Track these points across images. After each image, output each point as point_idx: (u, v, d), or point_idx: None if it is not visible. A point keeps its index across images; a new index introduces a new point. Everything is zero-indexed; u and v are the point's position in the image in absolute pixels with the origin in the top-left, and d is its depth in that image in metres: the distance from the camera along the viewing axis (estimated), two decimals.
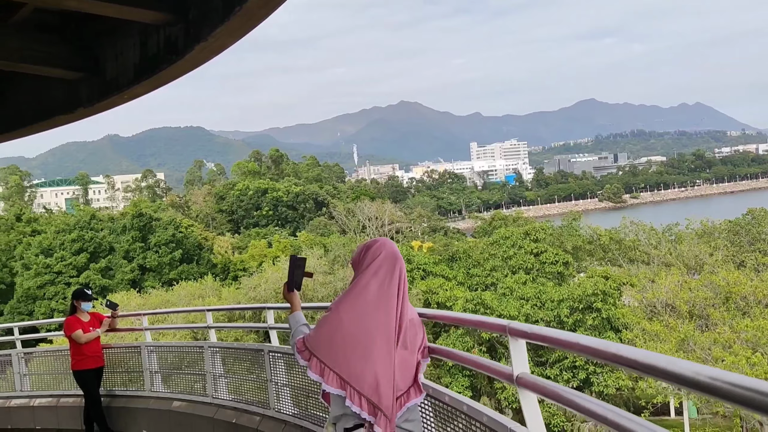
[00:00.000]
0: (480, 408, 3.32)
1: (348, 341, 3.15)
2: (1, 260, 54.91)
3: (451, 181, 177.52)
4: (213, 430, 7.45)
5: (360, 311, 3.21)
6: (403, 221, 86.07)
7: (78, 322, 8.48)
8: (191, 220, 78.34)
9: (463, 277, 35.68)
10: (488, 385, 28.04)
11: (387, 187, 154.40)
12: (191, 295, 40.11)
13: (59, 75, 6.02)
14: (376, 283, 3.26)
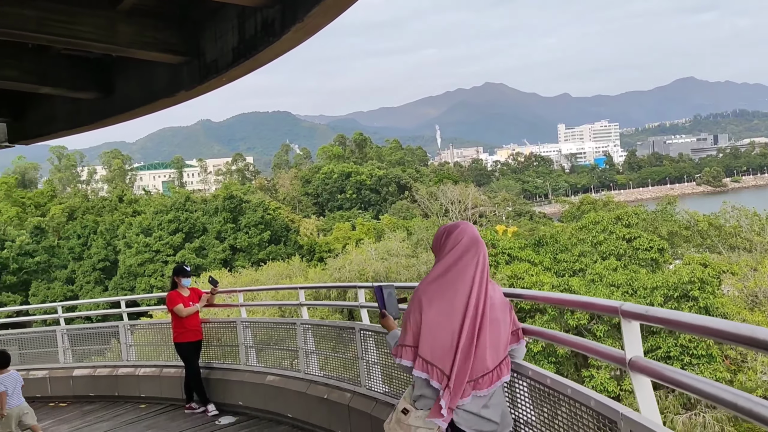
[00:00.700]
0: (586, 392, 3.20)
1: (435, 328, 3.27)
2: (105, 238, 58.43)
3: (537, 164, 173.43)
4: (305, 404, 7.64)
5: (444, 297, 3.29)
6: (486, 205, 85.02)
7: (179, 296, 8.89)
8: (279, 203, 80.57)
9: (549, 263, 34.85)
10: (575, 373, 27.38)
11: (470, 170, 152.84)
12: (279, 275, 41.37)
13: (163, 59, 6.24)
14: (459, 268, 3.32)
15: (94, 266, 56.65)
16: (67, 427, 9.47)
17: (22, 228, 59.86)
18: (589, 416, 3.20)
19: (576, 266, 33.67)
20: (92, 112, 7.41)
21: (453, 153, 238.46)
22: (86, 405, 10.61)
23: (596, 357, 3.25)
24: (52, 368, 11.62)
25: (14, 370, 8.13)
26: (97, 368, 11.12)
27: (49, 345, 11.91)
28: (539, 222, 76.18)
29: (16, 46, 6.26)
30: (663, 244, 33.66)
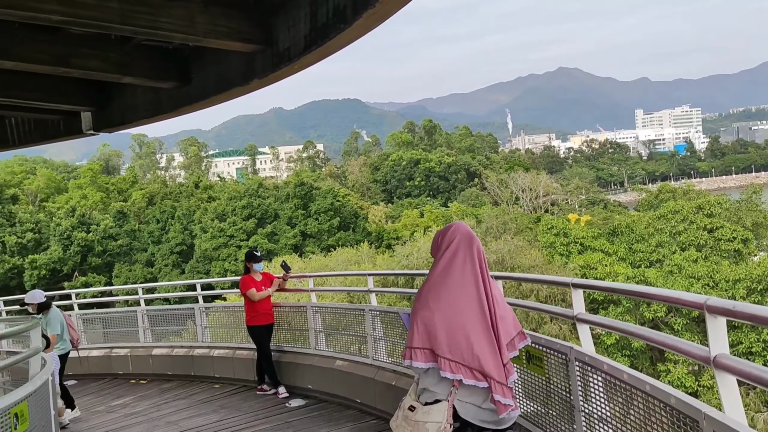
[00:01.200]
0: (666, 388, 3.07)
1: (450, 326, 3.33)
2: (182, 223, 60.64)
3: (612, 150, 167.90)
4: (373, 390, 7.70)
5: (446, 296, 3.36)
6: (558, 193, 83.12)
7: (252, 281, 9.11)
8: (348, 190, 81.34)
9: (624, 253, 33.81)
10: (651, 367, 26.51)
11: (542, 157, 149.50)
12: (348, 261, 41.81)
13: (237, 48, 6.35)
14: (457, 264, 3.43)
15: (172, 250, 58.93)
16: (147, 403, 9.91)
17: (106, 212, 62.90)
18: (667, 414, 3.07)
19: (653, 257, 32.50)
20: (171, 100, 7.65)
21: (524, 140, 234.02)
22: (164, 383, 11.07)
23: (677, 353, 3.11)
24: (133, 347, 12.18)
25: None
26: (175, 348, 11.57)
27: (131, 325, 12.48)
28: (614, 211, 73.87)
29: (101, 37, 6.52)
30: (747, 235, 32.04)
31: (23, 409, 4.54)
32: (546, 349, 4.63)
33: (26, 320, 7.11)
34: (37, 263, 54.43)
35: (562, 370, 4.40)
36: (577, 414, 4.18)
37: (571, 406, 4.27)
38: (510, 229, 45.43)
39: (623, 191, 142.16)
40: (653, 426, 3.23)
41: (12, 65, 6.14)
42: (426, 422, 3.43)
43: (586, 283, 4.90)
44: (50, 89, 7.35)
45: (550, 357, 4.58)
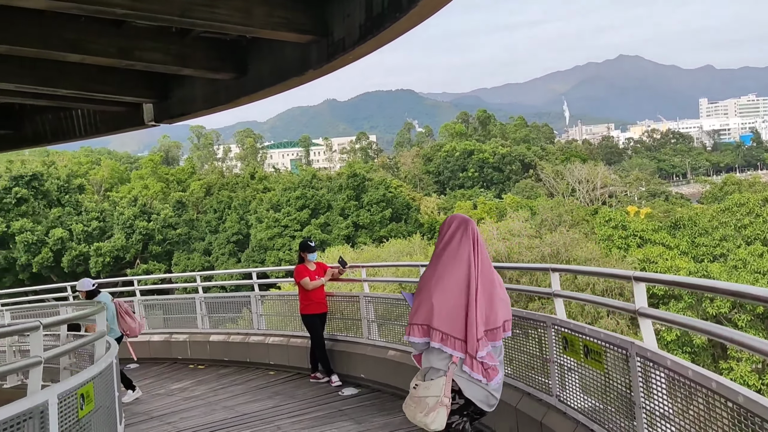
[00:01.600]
0: (734, 386, 2.94)
1: (445, 304, 3.67)
2: (239, 213, 61.91)
3: (674, 141, 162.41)
4: None
5: (445, 277, 3.74)
6: (617, 185, 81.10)
7: (306, 270, 9.21)
8: (400, 181, 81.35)
9: (686, 247, 32.72)
10: (713, 364, 25.64)
11: (600, 147, 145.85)
12: (400, 252, 41.87)
13: (293, 39, 6.40)
14: (452, 248, 3.81)
15: (229, 239, 60.26)
16: (204, 388, 10.17)
17: (166, 202, 64.78)
18: (734, 413, 2.95)
19: (717, 251, 31.35)
20: (228, 92, 7.78)
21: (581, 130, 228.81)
22: (221, 368, 11.34)
23: (746, 350, 2.98)
24: (192, 333, 12.51)
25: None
26: (231, 335, 11.83)
27: (189, 311, 12.81)
28: (676, 203, 71.53)
29: (162, 30, 6.68)
30: None
31: (89, 390, 4.72)
32: (605, 344, 4.51)
33: (92, 305, 7.38)
34: (102, 251, 56.55)
35: (623, 365, 4.29)
36: (637, 411, 4.07)
37: (631, 402, 4.16)
38: (565, 222, 44.57)
39: (686, 183, 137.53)
40: (717, 424, 3.11)
41: (79, 58, 6.36)
42: (426, 397, 3.67)
43: (649, 276, 4.75)
44: (114, 81, 7.58)
45: (609, 352, 4.47)
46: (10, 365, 5.56)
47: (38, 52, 6.18)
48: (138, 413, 9.00)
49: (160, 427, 8.21)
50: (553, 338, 5.39)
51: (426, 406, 3.68)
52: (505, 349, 6.50)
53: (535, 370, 5.85)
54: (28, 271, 55.88)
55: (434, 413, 3.66)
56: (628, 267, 27.95)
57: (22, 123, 9.25)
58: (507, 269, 27.98)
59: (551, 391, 5.40)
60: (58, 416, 4.04)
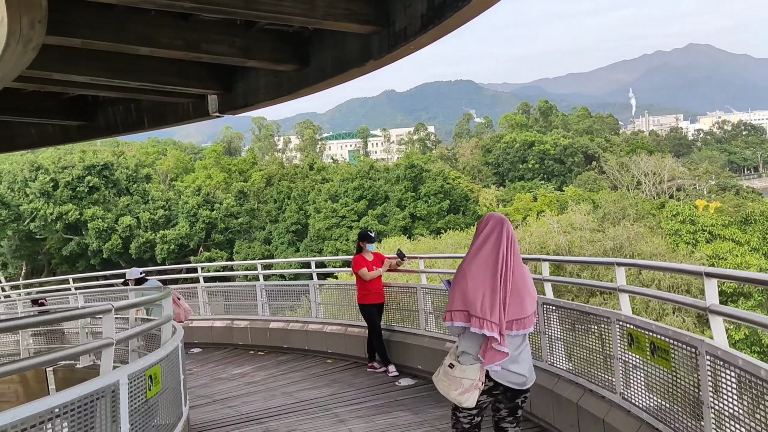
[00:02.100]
0: None
1: (480, 293, 4.08)
2: (298, 203, 62.85)
3: (746, 133, 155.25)
4: None
5: (481, 269, 4.14)
6: (685, 178, 78.27)
7: (363, 260, 9.26)
8: (458, 172, 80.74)
9: (758, 243, 31.34)
10: None
11: (668, 139, 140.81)
12: (457, 244, 41.62)
13: (355, 30, 6.42)
14: (489, 245, 4.19)
15: (288, 228, 61.28)
16: (264, 374, 10.40)
17: (228, 192, 66.36)
18: None
19: None
20: (290, 83, 7.88)
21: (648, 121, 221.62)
22: (281, 355, 11.56)
23: None
24: (252, 319, 12.80)
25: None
26: (290, 322, 12.03)
27: (250, 298, 13.11)
28: (747, 197, 68.49)
29: (227, 23, 6.81)
30: None
31: (157, 371, 4.89)
32: (673, 341, 4.37)
33: (159, 290, 7.64)
34: (167, 238, 58.46)
35: (691, 363, 4.15)
36: (705, 410, 3.93)
37: (699, 401, 4.03)
38: (629, 215, 43.28)
39: (757, 177, 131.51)
40: None
41: (149, 51, 6.56)
42: (462, 378, 4.11)
43: (721, 272, 4.56)
44: (181, 74, 7.79)
45: (677, 350, 4.33)
46: (84, 346, 5.82)
47: (111, 46, 6.41)
48: (201, 396, 9.29)
49: (222, 410, 8.45)
50: (617, 335, 5.25)
51: (461, 386, 4.11)
52: (565, 344, 6.42)
53: (596, 366, 5.72)
54: (99, 257, 58.35)
55: (468, 393, 4.10)
56: (696, 263, 26.98)
57: (96, 114, 9.63)
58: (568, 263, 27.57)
59: (615, 388, 5.27)
60: (128, 396, 4.21)
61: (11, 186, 58.59)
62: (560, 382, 6.21)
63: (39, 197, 57.53)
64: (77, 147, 60.80)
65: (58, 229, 58.36)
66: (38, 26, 4.39)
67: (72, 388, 3.67)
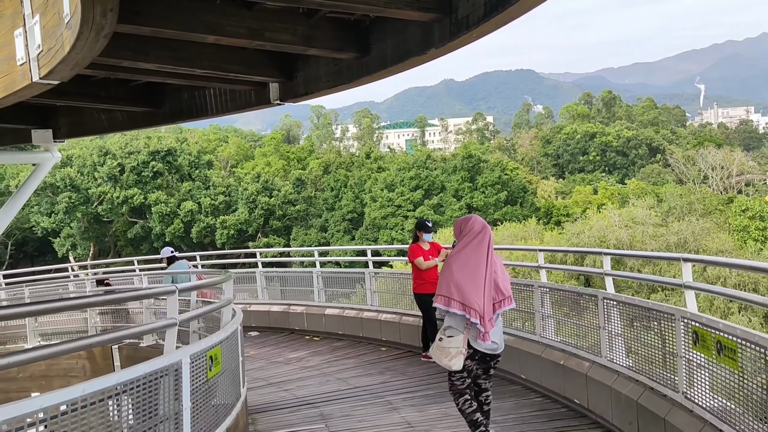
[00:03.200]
0: None
1: (461, 284, 5.10)
2: (354, 192, 63.24)
3: None
4: (540, 367, 7.53)
5: (464, 265, 5.16)
6: (756, 172, 74.90)
7: (420, 249, 9.26)
8: (517, 163, 79.55)
9: None
10: None
11: (738, 132, 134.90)
12: (514, 236, 41.15)
13: (416, 18, 6.36)
14: (474, 244, 5.21)
15: (344, 217, 61.79)
16: (319, 359, 10.56)
17: (286, 179, 67.35)
18: None
19: None
20: (350, 71, 7.88)
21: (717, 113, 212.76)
22: (335, 342, 11.71)
23: None
24: (308, 305, 13.00)
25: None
26: (345, 309, 12.16)
27: (306, 284, 13.31)
28: None
29: (291, 11, 6.87)
30: None
31: (217, 353, 5.03)
32: (742, 341, 4.21)
33: (219, 274, 7.84)
34: (227, 223, 59.87)
35: (760, 365, 3.98)
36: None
37: (767, 405, 3.86)
38: (696, 210, 41.75)
39: None
40: None
41: (214, 39, 6.69)
42: (449, 347, 5.21)
43: None
44: (244, 61, 7.91)
45: (745, 350, 4.16)
46: (149, 325, 6.03)
47: (178, 34, 6.56)
48: (258, 379, 9.51)
49: (278, 393, 8.63)
50: (681, 332, 5.09)
51: (449, 354, 5.22)
52: (625, 340, 6.27)
53: (656, 363, 5.57)
54: (162, 240, 60.25)
55: (456, 359, 5.20)
56: (765, 260, 25.83)
57: (163, 101, 9.89)
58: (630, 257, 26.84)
59: (677, 387, 5.12)
60: (190, 375, 4.34)
61: (81, 170, 61.04)
62: (619, 379, 6.08)
63: (107, 181, 59.79)
64: (143, 133, 62.83)
65: (123, 212, 60.57)
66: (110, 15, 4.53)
67: (138, 366, 3.81)
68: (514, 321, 8.56)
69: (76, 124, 10.78)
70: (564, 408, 6.90)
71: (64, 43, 4.88)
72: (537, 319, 7.87)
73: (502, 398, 7.45)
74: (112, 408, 3.52)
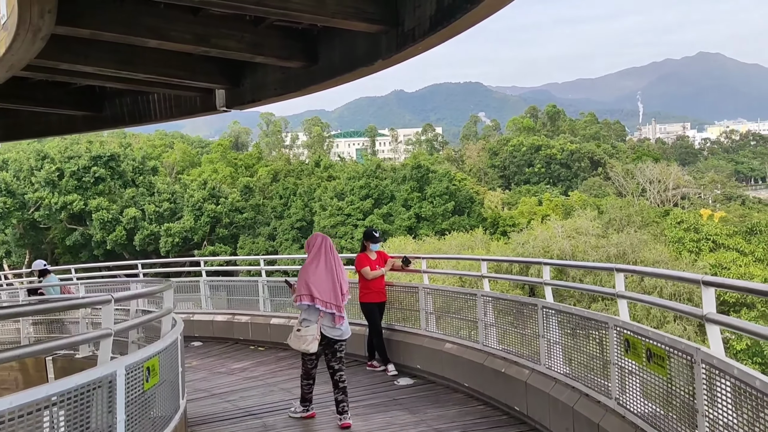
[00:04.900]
0: None
1: (313, 284, 6.71)
2: (303, 200, 62.87)
3: (754, 143, 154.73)
4: (482, 375, 7.64)
5: (314, 270, 6.77)
6: (691, 186, 78.06)
7: (367, 259, 9.28)
8: (465, 174, 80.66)
9: (762, 253, 31.22)
10: None
11: (674, 147, 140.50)
12: (461, 246, 41.65)
13: (363, 29, 6.44)
14: (321, 255, 6.84)
15: (293, 225, 61.31)
16: (264, 369, 10.43)
17: (234, 186, 66.42)
18: None
19: None
20: (298, 79, 7.90)
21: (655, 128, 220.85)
22: (281, 351, 11.57)
23: None
24: (254, 315, 12.82)
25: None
26: (291, 319, 12.03)
27: (251, 294, 13.14)
28: (753, 208, 68.32)
29: (237, 18, 6.84)
30: None
31: (155, 363, 4.92)
32: (670, 348, 4.38)
33: (161, 282, 7.67)
34: (172, 231, 58.54)
35: (686, 372, 4.15)
36: (700, 419, 3.94)
37: (694, 410, 4.03)
38: (634, 222, 43.20)
39: (765, 187, 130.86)
40: None
41: (157, 44, 6.59)
42: (306, 335, 6.70)
43: (720, 281, 4.56)
44: (189, 67, 7.82)
45: (673, 357, 4.33)
46: (82, 336, 5.86)
47: (120, 37, 6.45)
48: (200, 390, 9.32)
49: (220, 404, 8.48)
50: (614, 340, 5.26)
51: (306, 341, 6.70)
52: (564, 348, 6.44)
53: (595, 371, 5.73)
54: (103, 248, 58.48)
55: (311, 344, 6.71)
56: (698, 272, 26.90)
57: (103, 105, 9.67)
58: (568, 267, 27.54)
59: (610, 393, 5.28)
60: (125, 387, 4.24)
61: (17, 174, 58.74)
62: (557, 386, 6.22)
63: (44, 186, 57.67)
64: (84, 137, 60.97)
65: (62, 218, 58.52)
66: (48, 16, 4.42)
67: (69, 377, 3.70)
68: (461, 330, 8.66)
69: (12, 127, 10.42)
70: (505, 415, 7.02)
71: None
72: (480, 328, 7.98)
73: (446, 406, 7.52)
74: (44, 421, 3.40)
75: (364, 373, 9.37)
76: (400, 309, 9.68)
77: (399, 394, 8.18)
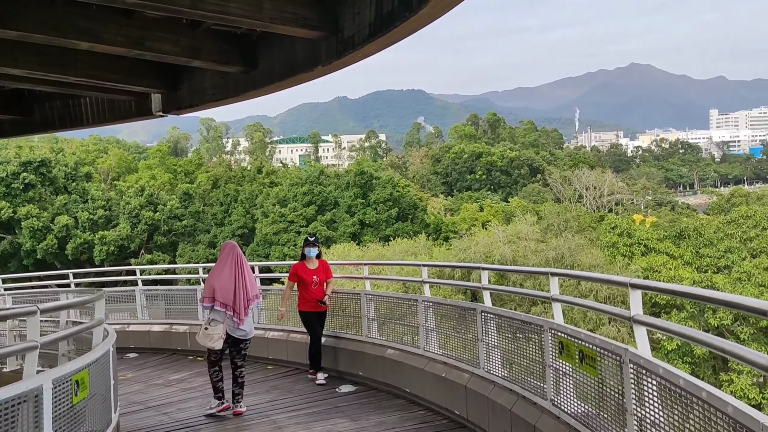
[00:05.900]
0: (724, 397, 2.94)
1: (220, 289, 7.37)
2: (245, 207, 61.95)
3: (683, 151, 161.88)
4: (423, 381, 7.70)
5: (220, 275, 7.41)
6: (624, 192, 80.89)
7: (302, 269, 9.13)
8: (408, 181, 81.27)
9: (690, 257, 32.61)
10: (713, 376, 25.56)
11: (609, 155, 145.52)
12: (405, 252, 41.85)
13: (303, 35, 6.42)
14: (227, 261, 7.48)
15: (234, 232, 60.28)
16: (202, 380, 10.18)
17: (172, 193, 64.85)
18: (724, 423, 2.95)
19: (721, 263, 31.23)
20: (237, 84, 7.80)
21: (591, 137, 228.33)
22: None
23: (741, 362, 2.97)
24: (192, 324, 12.53)
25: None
26: None
27: (191, 303, 12.84)
28: (682, 213, 71.35)
29: (173, 21, 6.70)
30: None
31: (84, 376, 4.74)
32: (600, 349, 4.52)
33: (92, 292, 7.41)
34: (107, 239, 56.67)
35: (616, 372, 4.29)
36: (629, 417, 4.08)
37: (623, 409, 4.17)
38: (571, 227, 44.48)
39: (693, 193, 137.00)
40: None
41: (88, 46, 6.39)
42: (213, 333, 7.38)
43: (645, 283, 4.75)
44: (123, 70, 7.61)
45: (604, 358, 4.47)
46: (7, 348, 5.61)
47: (49, 39, 6.22)
48: (135, 402, 9.04)
49: (155, 417, 8.25)
50: (549, 342, 5.39)
51: (212, 338, 7.38)
52: (503, 352, 6.56)
53: (533, 374, 5.85)
54: (33, 257, 56.10)
55: (217, 342, 7.42)
56: (631, 275, 27.87)
57: (32, 109, 9.30)
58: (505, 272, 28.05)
59: (546, 395, 5.41)
60: (53, 401, 4.07)
61: None
62: (495, 389, 6.33)
63: None
64: (13, 142, 58.42)
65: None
66: None
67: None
68: (405, 336, 8.70)
69: None
70: (446, 420, 7.09)
71: None
72: (421, 333, 8.04)
73: (387, 412, 7.54)
74: None
75: (306, 381, 9.30)
76: (343, 316, 9.67)
77: (340, 402, 8.15)
